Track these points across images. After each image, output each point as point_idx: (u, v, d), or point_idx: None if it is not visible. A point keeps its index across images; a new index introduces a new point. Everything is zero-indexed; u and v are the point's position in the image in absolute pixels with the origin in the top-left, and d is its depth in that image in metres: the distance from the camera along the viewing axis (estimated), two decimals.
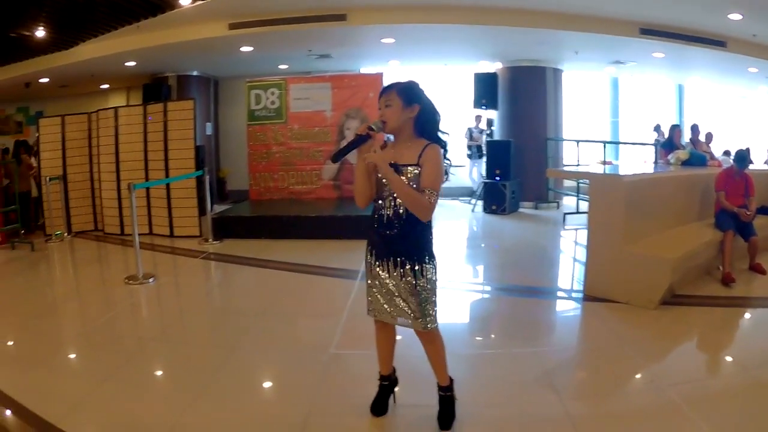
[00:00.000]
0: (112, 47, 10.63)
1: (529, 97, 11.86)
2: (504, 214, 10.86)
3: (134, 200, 7.61)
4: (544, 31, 9.50)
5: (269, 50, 11.08)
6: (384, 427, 3.59)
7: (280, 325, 5.60)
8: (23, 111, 16.53)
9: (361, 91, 10.69)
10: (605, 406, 3.70)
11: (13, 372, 4.62)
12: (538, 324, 5.53)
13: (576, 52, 11.17)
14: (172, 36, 10.06)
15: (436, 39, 10.28)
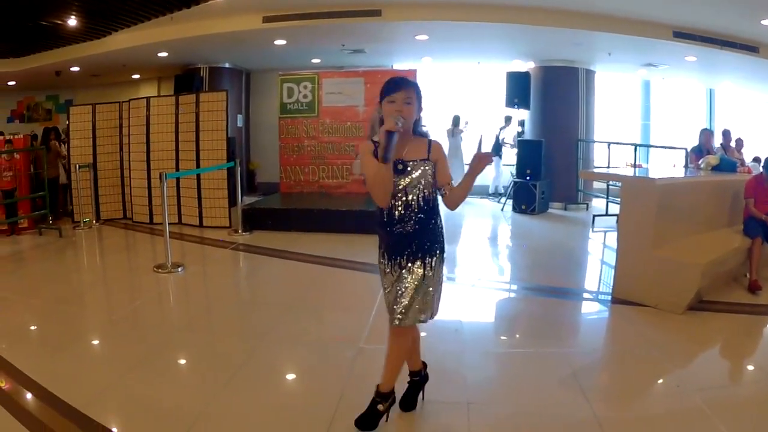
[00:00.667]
0: (145, 37, 10.64)
1: (561, 98, 11.76)
2: (533, 214, 10.79)
3: (165, 189, 7.61)
4: (579, 31, 9.41)
5: (302, 44, 11.04)
6: (412, 422, 3.56)
7: (309, 318, 5.60)
8: (53, 99, 16.65)
9: None
10: (632, 409, 3.68)
11: (39, 357, 4.65)
12: (566, 325, 5.52)
13: (609, 53, 11.07)
14: (205, 28, 10.03)
15: (470, 37, 10.20)
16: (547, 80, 11.81)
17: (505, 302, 6.32)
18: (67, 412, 3.64)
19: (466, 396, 3.78)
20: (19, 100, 16.84)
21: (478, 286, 6.55)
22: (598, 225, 9.85)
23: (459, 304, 5.87)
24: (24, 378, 4.16)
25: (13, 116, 16.92)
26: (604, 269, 7.39)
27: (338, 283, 6.86)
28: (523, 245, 9.04)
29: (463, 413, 3.55)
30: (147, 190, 10.52)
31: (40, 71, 13.19)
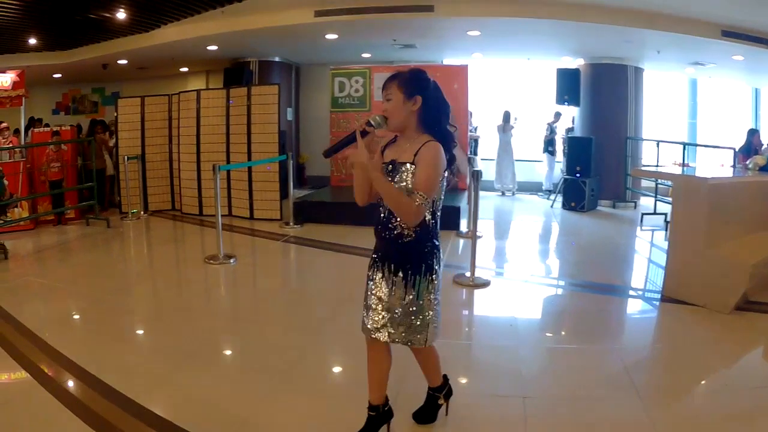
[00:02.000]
0: (194, 31, 10.68)
1: (610, 95, 11.64)
2: (582, 212, 10.69)
3: (218, 181, 7.63)
4: (629, 29, 9.32)
5: (354, 38, 11.02)
6: (469, 415, 3.54)
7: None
8: (99, 91, 16.81)
9: (446, 82, 10.55)
10: (682, 407, 3.68)
11: (90, 347, 4.67)
12: (617, 321, 5.55)
13: (658, 51, 10.95)
14: (256, 22, 10.05)
15: (521, 33, 10.13)
16: (596, 77, 11.69)
17: (556, 298, 6.30)
18: (121, 402, 3.66)
19: (522, 390, 3.79)
20: (64, 92, 17.00)
21: (530, 282, 6.54)
22: (646, 223, 9.75)
23: (512, 300, 5.90)
24: (75, 368, 4.19)
25: (59, 108, 17.11)
26: (653, 268, 7.32)
27: None
28: (572, 242, 8.97)
29: (519, 407, 3.56)
30: (197, 182, 10.58)
31: (87, 64, 13.32)
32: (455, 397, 3.54)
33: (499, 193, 12.56)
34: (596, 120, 11.70)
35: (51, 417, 3.54)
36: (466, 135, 10.90)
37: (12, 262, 7.67)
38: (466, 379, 4.14)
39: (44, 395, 3.77)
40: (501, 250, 8.38)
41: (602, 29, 9.44)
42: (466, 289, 6.13)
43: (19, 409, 3.63)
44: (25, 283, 6.95)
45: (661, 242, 8.35)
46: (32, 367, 4.20)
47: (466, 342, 4.97)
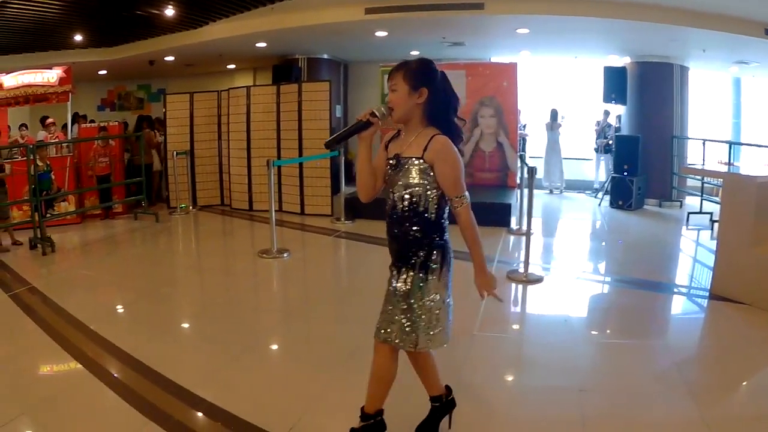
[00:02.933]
0: (243, 28, 10.75)
1: (657, 94, 11.58)
2: (630, 210, 10.66)
3: (272, 176, 7.74)
4: (675, 27, 9.27)
5: (403, 36, 11.04)
6: (528, 407, 3.63)
7: None
8: (145, 88, 17.00)
9: (495, 80, 10.66)
10: (733, 406, 3.72)
11: (142, 338, 4.78)
12: (666, 318, 5.60)
13: (703, 50, 10.89)
14: (306, 19, 10.08)
15: (569, 31, 10.10)
16: (642, 76, 11.63)
17: (606, 295, 6.38)
18: (174, 391, 3.76)
19: (578, 383, 3.86)
20: (109, 89, 17.23)
21: (581, 279, 6.61)
22: (692, 222, 9.71)
23: (565, 296, 5.97)
24: (128, 358, 4.29)
25: (104, 104, 17.34)
26: (699, 266, 7.32)
27: None
28: (619, 241, 8.96)
29: (576, 399, 3.64)
30: (247, 178, 10.70)
31: (133, 60, 13.44)
32: (512, 388, 3.73)
33: (547, 191, 12.57)
34: (643, 118, 11.65)
35: (105, 406, 3.65)
36: (516, 133, 10.93)
37: (59, 255, 7.87)
38: (525, 371, 4.25)
39: (97, 384, 3.89)
40: (551, 247, 8.42)
41: (648, 27, 9.41)
42: (520, 284, 6.22)
43: (73, 399, 3.73)
44: (73, 276, 7.13)
45: (707, 241, 8.31)
46: (84, 357, 4.31)
47: (523, 336, 5.09)
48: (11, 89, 10.92)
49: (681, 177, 11.50)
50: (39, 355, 4.47)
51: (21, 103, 11.15)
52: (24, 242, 8.17)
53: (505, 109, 10.63)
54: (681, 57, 11.69)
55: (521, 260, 6.57)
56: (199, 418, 3.45)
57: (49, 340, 4.68)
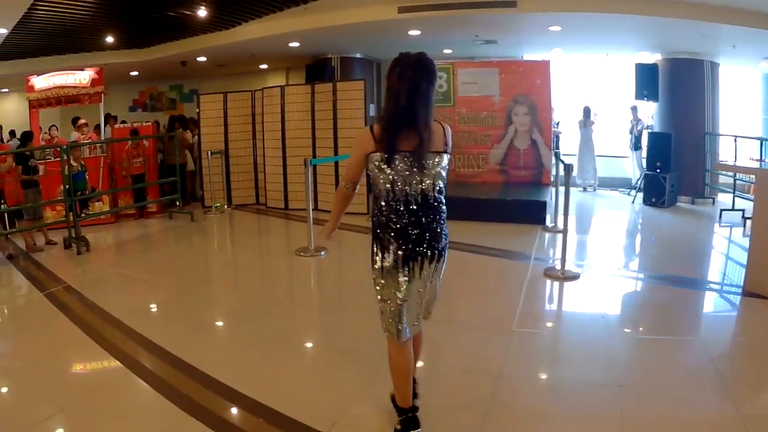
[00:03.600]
0: (276, 28, 10.89)
1: (688, 91, 11.55)
2: (663, 207, 10.66)
3: (309, 175, 7.81)
4: (706, 23, 9.27)
5: (436, 34, 11.12)
6: (570, 401, 3.67)
7: (458, 304, 5.76)
8: (177, 89, 17.22)
9: (529, 78, 10.69)
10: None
11: (179, 335, 4.87)
12: (701, 314, 5.68)
13: (733, 46, 10.86)
14: (339, 18, 10.20)
15: (601, 28, 10.12)
16: (673, 72, 11.61)
17: (641, 291, 6.44)
18: (213, 387, 3.82)
19: (616, 378, 3.93)
20: (141, 90, 17.47)
21: (617, 275, 6.65)
22: (724, 219, 9.69)
23: (602, 292, 6.02)
24: (165, 354, 4.37)
25: (135, 105, 17.56)
26: (733, 263, 7.28)
27: (482, 269, 6.97)
28: (653, 238, 8.98)
29: (614, 394, 3.70)
30: (282, 177, 10.80)
31: (165, 61, 13.65)
32: (552, 383, 3.88)
33: (580, 188, 12.58)
34: (675, 115, 11.63)
35: (144, 402, 3.73)
36: (550, 130, 10.96)
37: (94, 255, 7.97)
38: (563, 367, 4.30)
39: (136, 381, 3.96)
40: (586, 245, 8.43)
41: (679, 24, 9.40)
42: (557, 281, 6.27)
43: (112, 396, 3.81)
44: (109, 275, 7.25)
45: (740, 238, 8.31)
46: (122, 354, 4.39)
47: (560, 332, 5.15)
48: (43, 91, 11.11)
49: (713, 174, 11.49)
50: (76, 352, 4.56)
51: (53, 104, 11.37)
52: (58, 242, 8.32)
53: (539, 106, 10.65)
54: (711, 53, 11.66)
55: (557, 257, 6.65)
56: (240, 413, 3.51)
57: (86, 338, 4.77)
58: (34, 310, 5.78)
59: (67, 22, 10.68)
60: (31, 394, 3.84)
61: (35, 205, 8.26)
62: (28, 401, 3.74)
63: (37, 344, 4.82)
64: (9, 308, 6.16)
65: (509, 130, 10.81)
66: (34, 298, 6.10)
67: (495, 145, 10.88)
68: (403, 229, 2.93)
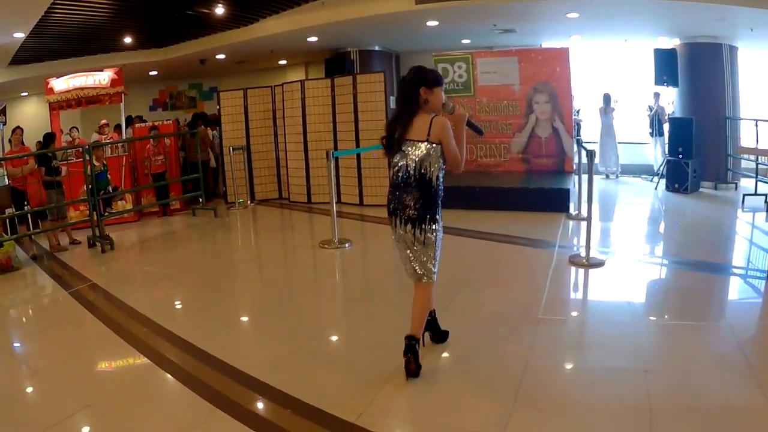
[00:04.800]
0: (294, 23, 10.94)
1: (707, 75, 11.48)
2: (686, 193, 10.62)
3: (332, 168, 7.84)
4: (724, 6, 9.19)
5: (455, 25, 11.13)
6: (596, 387, 3.67)
7: (484, 292, 5.78)
8: (196, 87, 17.35)
9: (548, 66, 10.67)
10: None
11: (206, 329, 4.89)
12: (726, 299, 5.61)
13: (751, 29, 10.79)
14: (358, 11, 10.23)
15: (619, 14, 10.07)
16: (692, 57, 11.55)
17: (667, 276, 6.41)
18: (240, 379, 3.84)
19: (643, 364, 3.91)
20: (161, 89, 17.60)
21: (642, 262, 6.63)
22: (747, 204, 9.65)
23: (627, 279, 5.99)
24: (192, 348, 4.42)
25: (156, 105, 17.69)
26: (757, 248, 7.30)
27: (507, 257, 6.97)
28: (676, 225, 8.95)
29: (641, 380, 3.67)
30: (305, 171, 10.88)
31: (184, 60, 13.73)
32: (579, 370, 3.95)
33: (603, 176, 12.55)
34: (695, 100, 11.57)
35: (171, 396, 3.80)
36: (571, 118, 10.94)
37: (119, 253, 8.04)
38: (590, 353, 4.31)
39: (162, 375, 4.02)
40: (610, 232, 8.43)
41: (696, 7, 9.31)
42: (582, 269, 6.25)
43: (139, 390, 3.85)
44: (134, 272, 7.32)
45: (763, 223, 8.30)
46: (148, 349, 4.44)
47: (587, 319, 5.14)
48: (62, 93, 11.21)
49: (735, 158, 11.43)
50: (103, 348, 4.61)
51: (73, 106, 11.47)
52: (82, 241, 8.40)
53: (560, 94, 10.62)
54: (729, 37, 11.58)
55: (582, 245, 6.60)
56: (267, 405, 3.53)
57: (112, 334, 4.82)
58: (60, 308, 5.86)
59: (84, 24, 10.78)
60: (59, 389, 3.89)
61: (59, 205, 8.35)
62: (56, 397, 3.79)
63: (64, 341, 4.89)
64: (35, 307, 6.24)
65: (530, 119, 10.80)
66: (59, 296, 6.19)
67: (516, 134, 10.89)
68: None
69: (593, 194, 6.81)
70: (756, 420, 3.18)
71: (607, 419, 3.28)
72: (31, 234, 8.45)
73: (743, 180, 11.35)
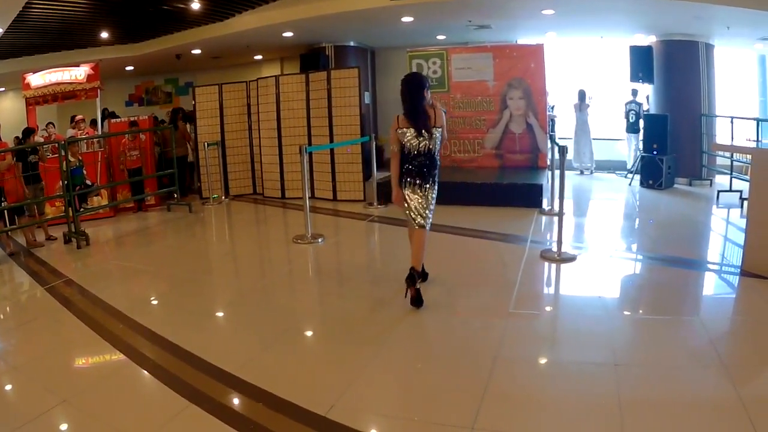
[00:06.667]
0: (270, 18, 10.89)
1: (683, 72, 11.53)
2: (660, 189, 10.65)
3: (305, 163, 7.81)
4: (700, 4, 9.22)
5: (430, 21, 11.11)
6: (564, 376, 3.71)
7: (456, 287, 5.73)
8: (172, 82, 17.24)
9: (523, 62, 10.65)
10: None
11: (184, 326, 4.89)
12: (699, 294, 5.64)
13: (728, 27, 10.83)
14: (333, 7, 10.19)
15: (594, 10, 10.07)
16: (668, 54, 11.59)
17: (639, 272, 6.44)
18: (214, 374, 3.85)
19: (613, 358, 3.93)
20: (136, 84, 17.48)
21: (614, 257, 6.62)
22: (722, 201, 9.68)
23: (598, 273, 6.02)
24: (166, 344, 4.41)
25: (132, 100, 17.59)
26: (731, 244, 7.29)
27: (479, 252, 6.98)
28: (650, 220, 8.96)
29: (611, 374, 3.70)
30: (279, 166, 10.83)
31: (160, 55, 13.65)
32: (549, 363, 3.97)
33: (577, 171, 12.58)
34: (670, 97, 11.60)
35: (146, 391, 3.79)
36: (545, 114, 10.95)
37: (94, 248, 7.98)
38: (560, 347, 4.33)
39: (137, 371, 4.01)
40: (583, 227, 8.45)
41: (673, 5, 9.34)
42: (554, 263, 6.27)
43: (115, 385, 3.85)
44: (109, 268, 7.25)
45: (738, 219, 8.28)
46: (124, 345, 4.42)
47: (557, 313, 5.16)
48: (39, 88, 11.11)
49: (710, 155, 11.47)
50: (79, 344, 4.59)
51: (50, 101, 11.37)
52: (58, 237, 8.33)
53: (534, 90, 10.62)
54: (706, 35, 11.62)
55: (554, 240, 6.61)
56: (240, 398, 3.55)
57: (88, 330, 4.80)
58: (37, 304, 5.80)
59: (62, 19, 10.70)
60: (36, 385, 3.88)
61: (36, 201, 8.27)
62: (33, 392, 3.78)
63: (41, 337, 4.85)
64: (12, 303, 6.15)
65: (504, 115, 10.79)
66: (36, 293, 6.12)
67: (490, 130, 10.88)
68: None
69: (567, 190, 6.82)
70: (726, 414, 3.19)
71: (576, 412, 3.29)
72: (8, 230, 8.34)
73: (718, 177, 11.40)
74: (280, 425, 3.24)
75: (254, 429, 3.21)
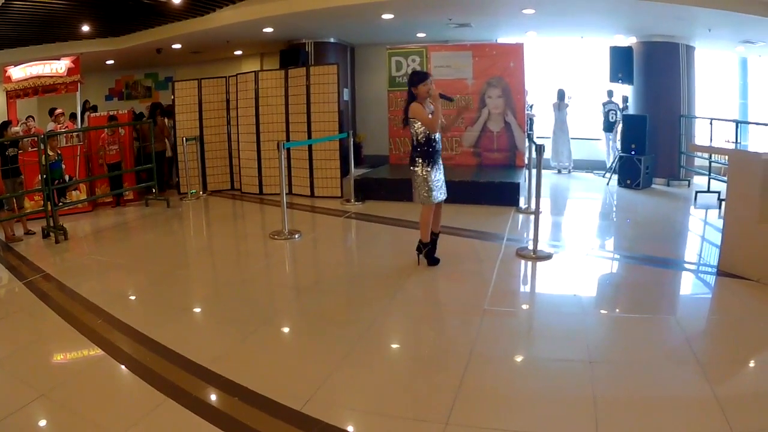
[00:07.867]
0: (251, 13, 10.79)
1: (663, 73, 11.58)
2: (638, 189, 10.69)
3: (283, 159, 7.80)
4: (681, 6, 9.25)
5: (410, 18, 11.06)
6: (538, 373, 3.74)
7: (432, 284, 5.75)
8: (152, 76, 17.08)
9: (502, 60, 10.67)
10: (743, 382, 3.71)
11: (161, 321, 4.87)
12: (676, 293, 5.68)
13: (709, 29, 10.87)
14: (314, 3, 10.10)
15: (575, 11, 10.08)
16: (649, 55, 11.63)
17: (615, 270, 6.46)
18: (190, 368, 3.83)
19: (588, 355, 3.93)
20: (117, 79, 17.32)
21: (590, 255, 6.63)
22: (700, 201, 9.72)
23: (574, 272, 6.03)
24: (143, 338, 4.38)
25: (112, 94, 17.44)
26: (707, 244, 7.34)
27: (455, 249, 6.89)
28: (627, 219, 8.99)
29: (586, 370, 3.71)
30: (257, 162, 10.78)
31: (141, 49, 13.51)
32: (523, 360, 3.98)
33: (555, 170, 12.60)
34: (650, 98, 11.65)
35: (123, 385, 3.77)
36: (524, 113, 10.96)
37: (72, 243, 7.91)
38: (535, 344, 4.34)
39: (115, 365, 3.98)
40: (560, 226, 8.47)
41: (654, 6, 9.36)
42: (529, 261, 6.28)
43: (92, 380, 3.82)
44: (87, 262, 7.20)
45: (715, 220, 8.33)
46: (101, 340, 4.39)
47: (533, 311, 5.17)
48: (20, 81, 11.02)
49: (689, 156, 11.53)
50: (56, 339, 4.55)
51: (30, 94, 11.27)
52: (37, 231, 8.23)
53: (513, 89, 10.65)
54: (687, 36, 11.67)
55: (530, 238, 6.63)
56: (216, 393, 3.53)
57: (66, 325, 4.76)
58: (14, 299, 5.73)
59: (43, 12, 10.57)
60: (13, 380, 3.83)
61: (15, 195, 8.19)
62: (11, 387, 3.73)
63: (18, 332, 4.79)
64: None
65: (483, 113, 10.81)
66: (14, 287, 6.03)
67: (468, 128, 10.90)
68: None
69: (544, 189, 6.83)
70: (701, 411, 3.20)
71: (551, 409, 3.29)
72: None
73: (696, 177, 11.45)
74: (255, 419, 3.22)
75: (230, 423, 3.19)
